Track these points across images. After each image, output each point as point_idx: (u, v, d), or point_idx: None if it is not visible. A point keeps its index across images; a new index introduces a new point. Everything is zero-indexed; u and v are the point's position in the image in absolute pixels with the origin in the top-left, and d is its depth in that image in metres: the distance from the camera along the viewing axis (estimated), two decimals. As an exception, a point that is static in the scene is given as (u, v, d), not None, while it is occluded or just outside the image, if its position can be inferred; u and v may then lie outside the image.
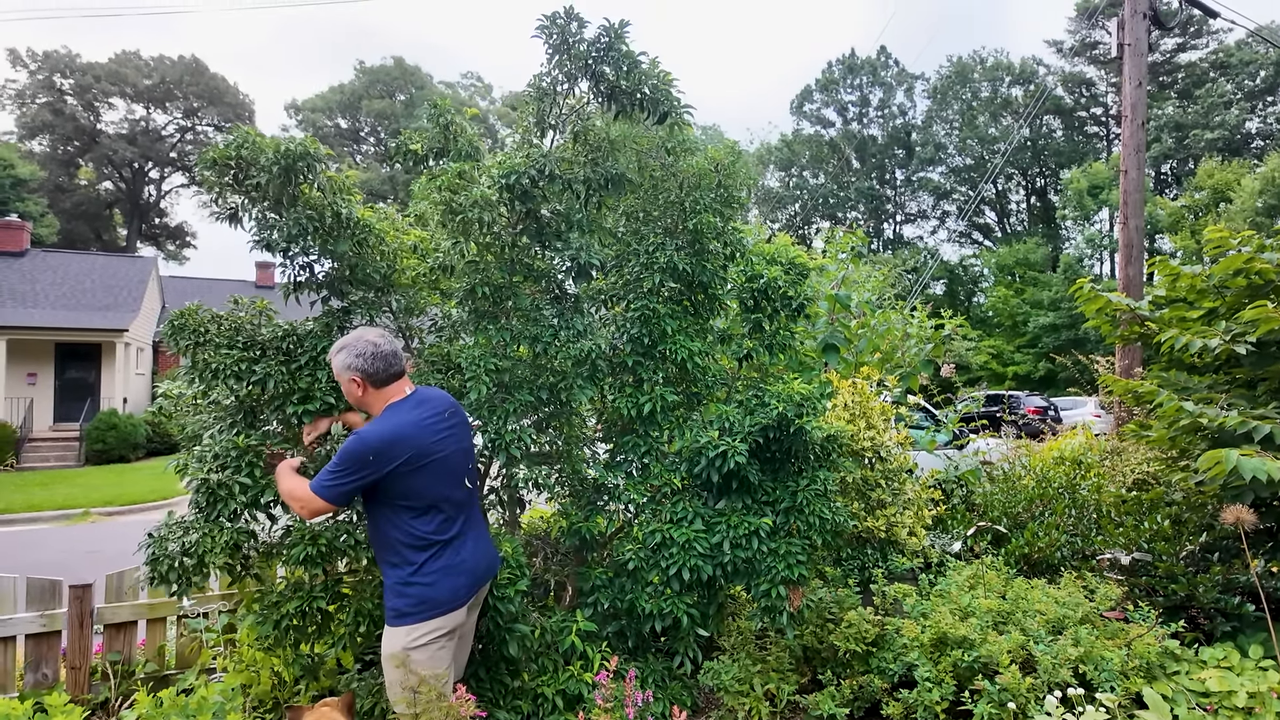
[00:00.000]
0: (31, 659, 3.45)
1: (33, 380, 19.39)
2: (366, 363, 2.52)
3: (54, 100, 41.90)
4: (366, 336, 2.57)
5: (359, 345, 2.54)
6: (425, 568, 2.48)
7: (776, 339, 3.69)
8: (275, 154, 3.04)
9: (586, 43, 3.35)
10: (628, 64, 3.39)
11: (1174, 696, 3.11)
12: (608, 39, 3.35)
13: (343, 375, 2.55)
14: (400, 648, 2.44)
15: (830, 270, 6.93)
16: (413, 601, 2.46)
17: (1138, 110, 8.38)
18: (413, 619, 2.45)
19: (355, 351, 2.53)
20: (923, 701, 3.05)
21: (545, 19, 3.33)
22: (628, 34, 3.39)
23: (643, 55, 3.42)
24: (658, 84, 3.46)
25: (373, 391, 2.55)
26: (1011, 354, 36.00)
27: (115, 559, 5.99)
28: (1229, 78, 39.34)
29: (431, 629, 2.46)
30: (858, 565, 4.52)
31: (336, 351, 2.56)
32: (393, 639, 2.47)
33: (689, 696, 3.35)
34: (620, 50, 3.37)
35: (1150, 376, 4.92)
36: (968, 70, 47.60)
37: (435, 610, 2.48)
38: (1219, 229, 4.38)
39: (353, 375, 2.52)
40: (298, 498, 2.47)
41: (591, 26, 3.35)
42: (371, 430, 2.47)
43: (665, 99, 3.49)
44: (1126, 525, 4.53)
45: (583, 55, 3.35)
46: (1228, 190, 30.38)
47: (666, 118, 3.54)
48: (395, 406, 2.56)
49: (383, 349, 2.55)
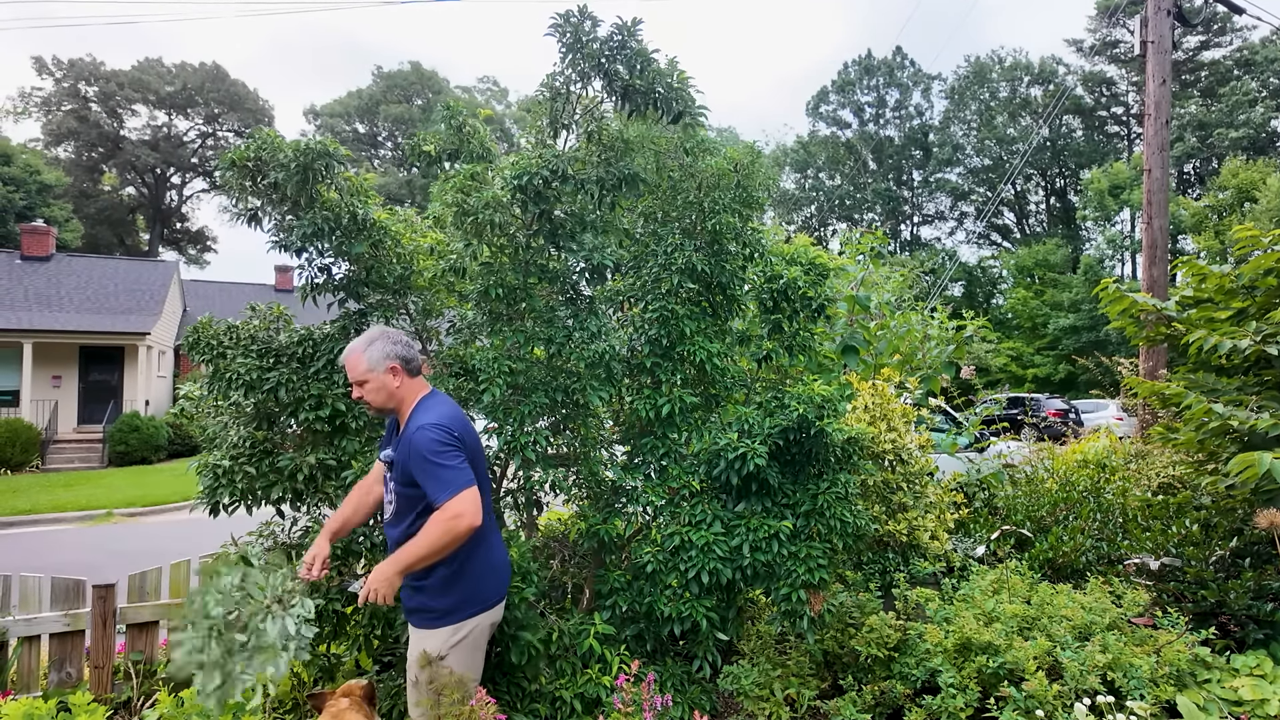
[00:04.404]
0: (55, 658, 3.49)
1: (57, 383, 19.70)
2: (404, 349, 2.48)
3: (78, 107, 42.60)
4: (385, 328, 2.56)
5: (392, 334, 2.50)
6: (471, 563, 2.44)
7: (796, 340, 3.66)
8: (294, 153, 3.07)
9: (599, 41, 3.33)
10: (641, 62, 3.36)
11: (1206, 705, 3.04)
12: (621, 37, 3.33)
13: (379, 366, 2.44)
14: (439, 649, 2.39)
15: (849, 271, 6.88)
16: (459, 599, 2.42)
17: (1161, 108, 8.26)
18: (456, 617, 2.41)
19: (391, 339, 2.48)
20: (946, 708, 3.00)
21: (558, 17, 3.32)
22: (640, 31, 3.36)
23: (656, 53, 3.39)
24: (672, 83, 3.43)
25: (407, 381, 2.49)
26: (1031, 356, 35.59)
27: (138, 559, 6.04)
28: (1254, 75, 38.69)
29: (474, 625, 2.44)
30: (879, 569, 4.47)
31: (368, 345, 2.46)
32: (431, 641, 2.41)
33: (708, 701, 3.31)
34: (633, 48, 3.34)
35: (1177, 378, 4.83)
36: (986, 70, 47.18)
37: (481, 606, 2.46)
38: (1248, 228, 4.30)
39: (392, 363, 2.44)
40: (448, 521, 2.24)
41: (605, 25, 3.33)
42: (437, 414, 2.40)
43: (680, 98, 3.46)
44: (1154, 529, 4.45)
45: (596, 54, 3.33)
46: (1253, 189, 29.87)
47: (681, 117, 3.51)
48: (433, 396, 2.52)
49: (407, 338, 2.55)
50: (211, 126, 47.33)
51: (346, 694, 2.51)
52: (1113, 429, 7.26)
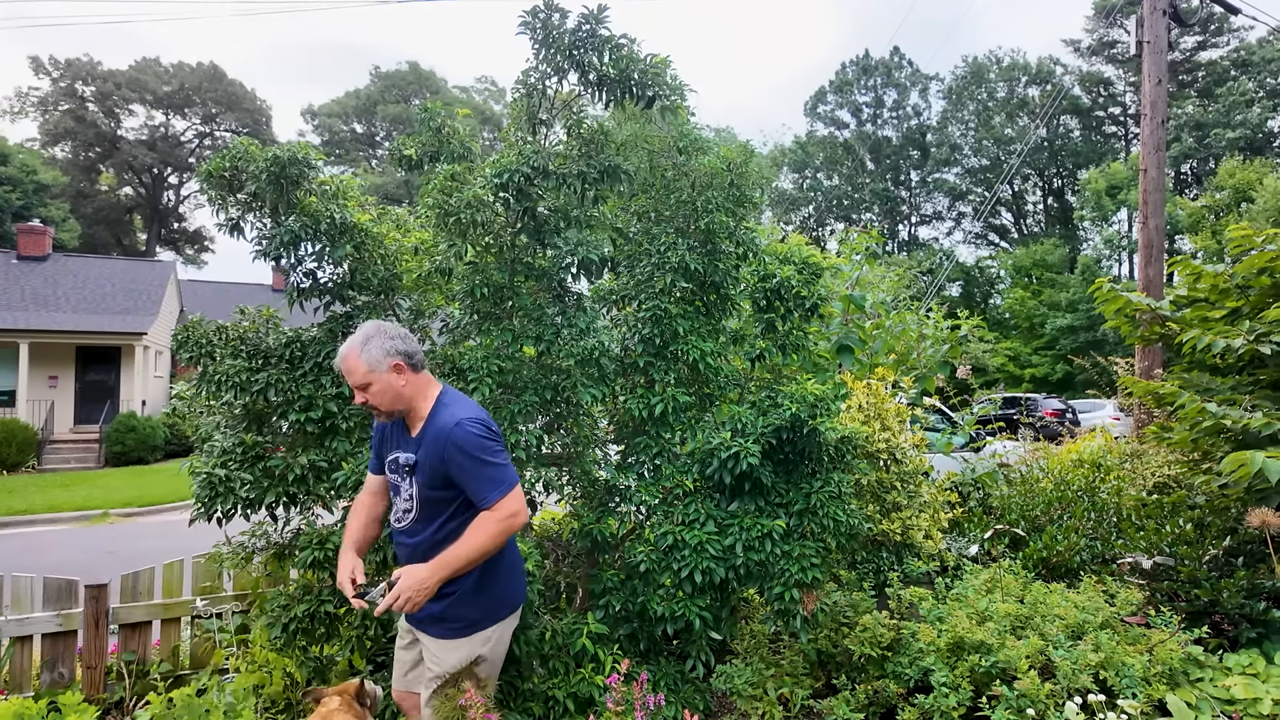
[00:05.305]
0: (48, 658, 3.48)
1: (54, 383, 19.66)
2: (403, 343, 2.29)
3: (76, 107, 42.55)
4: (379, 323, 2.35)
5: (388, 329, 2.31)
6: (500, 564, 2.34)
7: (790, 339, 3.66)
8: (265, 162, 3.06)
9: (569, 32, 3.29)
10: (610, 49, 3.32)
11: (1198, 704, 3.04)
12: (589, 26, 3.29)
13: (382, 366, 2.24)
14: (467, 660, 2.29)
15: (845, 271, 6.88)
16: (491, 604, 2.33)
17: (1157, 108, 8.27)
18: (486, 624, 2.32)
19: (389, 334, 2.28)
20: (939, 707, 3.00)
21: (526, 13, 3.28)
22: (607, 18, 3.31)
23: (623, 38, 3.34)
24: (645, 68, 3.38)
25: (413, 377, 2.30)
26: (1029, 356, 35.62)
27: (132, 559, 6.03)
28: (1250, 76, 38.75)
29: (504, 629, 2.39)
30: (873, 569, 4.47)
31: (364, 344, 2.25)
32: (460, 651, 2.29)
33: (701, 700, 3.31)
34: (601, 35, 3.30)
35: (1171, 378, 4.84)
36: (983, 70, 47.22)
37: (510, 608, 2.40)
38: (1242, 227, 4.30)
39: (395, 360, 2.25)
40: (504, 520, 2.16)
41: (572, 16, 3.30)
42: (470, 410, 2.28)
43: (652, 82, 3.39)
44: (1148, 529, 4.46)
45: (566, 46, 3.29)
46: (1249, 190, 29.90)
47: (654, 102, 3.44)
48: (448, 392, 2.36)
49: (404, 330, 2.37)
50: (209, 126, 47.31)
51: (340, 693, 2.51)
52: (1109, 428, 7.27)
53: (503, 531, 2.16)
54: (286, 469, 3.16)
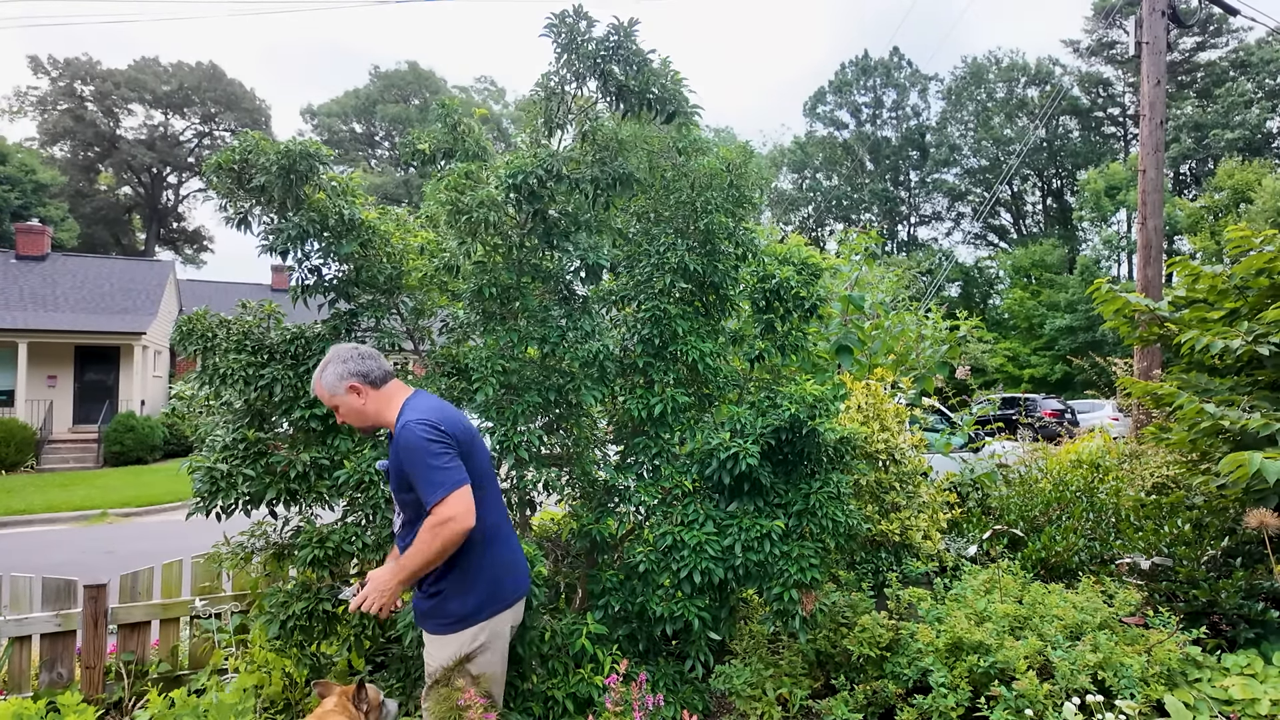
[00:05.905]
0: (47, 658, 3.48)
1: (53, 383, 19.65)
2: (357, 364, 2.36)
3: (74, 106, 42.50)
4: (339, 347, 2.43)
5: (341, 353, 2.39)
6: (487, 560, 2.33)
7: (789, 340, 3.66)
8: (276, 155, 3.06)
9: (595, 41, 3.33)
10: (637, 63, 3.36)
11: (1196, 704, 3.04)
12: (617, 37, 3.33)
13: (339, 390, 2.35)
14: (455, 656, 2.28)
15: (844, 271, 6.88)
16: (479, 600, 2.31)
17: (1156, 109, 8.28)
18: (476, 619, 2.31)
19: (341, 358, 2.36)
20: (938, 708, 3.01)
21: (554, 17, 3.32)
22: (637, 32, 3.37)
23: (652, 54, 3.40)
24: (667, 84, 3.43)
25: (374, 394, 2.37)
26: (1028, 356, 35.64)
27: (131, 559, 6.03)
28: (1249, 77, 38.78)
29: (496, 627, 2.37)
30: (872, 569, 4.48)
31: (321, 373, 2.37)
32: (449, 647, 2.29)
33: (700, 700, 3.32)
34: (629, 49, 3.34)
35: (1170, 378, 4.85)
36: (982, 71, 47.24)
37: (502, 605, 2.37)
38: (1241, 228, 4.31)
39: (350, 382, 2.34)
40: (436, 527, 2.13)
41: (600, 25, 3.33)
42: (419, 410, 2.28)
43: (674, 99, 3.46)
44: (1146, 529, 4.46)
45: (591, 54, 3.33)
46: (1248, 191, 29.94)
47: (674, 118, 3.51)
48: (416, 395, 2.40)
49: (362, 350, 2.41)
50: (208, 126, 47.27)
51: (339, 693, 2.52)
52: (1108, 429, 7.28)
53: (436, 536, 2.13)
54: (288, 465, 3.16)
